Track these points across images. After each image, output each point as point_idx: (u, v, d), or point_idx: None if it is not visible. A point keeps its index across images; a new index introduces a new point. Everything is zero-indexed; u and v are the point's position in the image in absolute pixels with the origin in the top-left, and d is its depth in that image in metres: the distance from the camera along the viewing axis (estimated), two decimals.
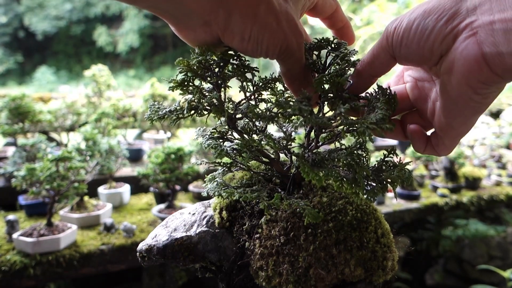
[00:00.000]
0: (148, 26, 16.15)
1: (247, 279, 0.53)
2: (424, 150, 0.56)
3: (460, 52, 0.43)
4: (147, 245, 0.57)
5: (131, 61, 16.96)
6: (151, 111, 0.56)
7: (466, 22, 0.43)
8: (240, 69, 0.55)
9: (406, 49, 0.48)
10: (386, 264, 0.51)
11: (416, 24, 0.47)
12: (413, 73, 0.59)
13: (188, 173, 2.01)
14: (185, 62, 0.52)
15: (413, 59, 0.49)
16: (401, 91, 0.60)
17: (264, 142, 0.54)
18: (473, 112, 0.47)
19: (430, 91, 0.55)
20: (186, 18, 0.49)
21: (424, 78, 0.57)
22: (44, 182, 1.61)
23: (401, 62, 0.51)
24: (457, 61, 0.44)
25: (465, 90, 0.44)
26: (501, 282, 3.12)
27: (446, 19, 0.44)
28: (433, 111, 0.54)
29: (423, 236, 3.62)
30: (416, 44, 0.47)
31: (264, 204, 0.50)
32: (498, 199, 3.11)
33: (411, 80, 0.59)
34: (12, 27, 15.50)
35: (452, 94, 0.46)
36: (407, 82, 0.60)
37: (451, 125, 0.50)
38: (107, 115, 2.64)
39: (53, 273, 1.60)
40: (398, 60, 0.51)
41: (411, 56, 0.49)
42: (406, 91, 0.60)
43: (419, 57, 0.48)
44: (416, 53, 0.48)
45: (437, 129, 0.53)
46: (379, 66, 0.53)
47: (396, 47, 0.49)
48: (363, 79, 0.55)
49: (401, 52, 0.49)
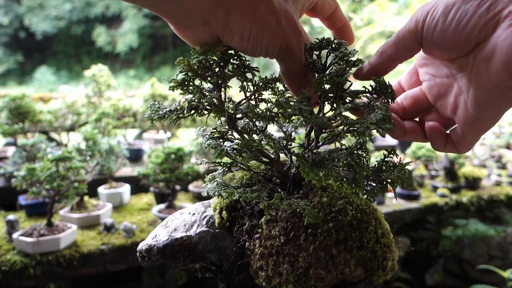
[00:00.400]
0: (148, 26, 16.15)
1: (247, 279, 0.53)
2: (444, 147, 0.55)
3: (503, 39, 0.42)
4: (147, 245, 0.57)
5: (131, 61, 16.96)
6: (152, 110, 0.56)
7: (509, 9, 0.42)
8: (241, 69, 0.55)
9: (441, 35, 0.47)
10: (386, 264, 0.51)
11: (456, 9, 0.45)
12: (430, 70, 0.57)
13: (188, 173, 2.01)
14: (185, 61, 0.52)
15: (445, 46, 0.47)
16: (417, 93, 0.59)
17: (264, 142, 0.54)
18: (506, 103, 0.46)
19: (451, 86, 0.54)
20: (186, 18, 0.49)
21: (443, 74, 0.55)
22: (44, 182, 1.61)
23: (428, 49, 0.50)
24: (500, 48, 0.43)
25: (504, 78, 0.43)
26: (501, 282, 3.12)
27: (488, 5, 0.43)
28: (454, 106, 0.53)
29: (423, 236, 3.62)
30: (453, 30, 0.46)
31: (264, 204, 0.50)
32: (498, 199, 3.11)
33: (428, 78, 0.58)
34: (12, 27, 15.50)
35: (487, 83, 0.45)
36: (424, 80, 0.59)
37: (480, 117, 0.48)
38: (107, 115, 2.64)
39: (53, 273, 1.60)
40: (426, 47, 0.50)
41: (444, 43, 0.47)
42: (422, 92, 0.59)
43: (452, 44, 0.47)
44: (451, 40, 0.46)
45: (461, 124, 0.52)
46: (403, 50, 0.52)
47: (428, 32, 0.48)
48: (384, 60, 0.54)
49: (433, 38, 0.48)
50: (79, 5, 15.91)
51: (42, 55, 16.75)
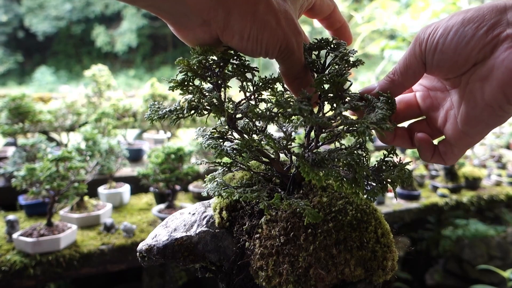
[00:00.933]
0: (147, 26, 16.14)
1: (247, 279, 0.53)
2: (431, 158, 0.57)
3: (501, 61, 0.44)
4: (147, 245, 0.57)
5: (131, 61, 16.96)
6: (151, 110, 0.56)
7: (507, 32, 0.44)
8: (240, 69, 0.55)
9: (441, 55, 0.49)
10: (386, 264, 0.51)
11: (454, 31, 0.47)
12: (425, 82, 0.59)
13: (188, 173, 2.01)
14: (185, 62, 0.52)
15: (445, 65, 0.49)
16: (411, 99, 0.61)
17: (264, 142, 0.54)
18: (495, 122, 0.48)
19: (444, 100, 0.56)
20: (185, 18, 0.49)
21: (437, 87, 0.57)
22: (44, 182, 1.61)
23: (431, 69, 0.52)
24: (497, 69, 0.44)
25: (498, 99, 0.45)
26: (501, 282, 3.13)
27: (487, 29, 0.45)
28: (444, 119, 0.55)
29: (423, 236, 3.62)
30: (453, 51, 0.47)
31: (264, 204, 0.50)
32: (498, 199, 3.11)
33: (422, 89, 0.60)
34: (11, 26, 15.49)
35: (480, 102, 0.47)
36: (417, 91, 0.60)
37: (468, 133, 0.50)
38: (107, 115, 2.64)
39: (53, 273, 1.60)
40: (428, 68, 0.52)
41: (444, 63, 0.49)
42: (416, 99, 0.60)
43: (452, 64, 0.48)
44: (451, 60, 0.48)
45: (449, 137, 0.54)
46: (412, 75, 0.54)
47: (430, 53, 0.50)
48: (395, 88, 0.55)
49: (434, 58, 0.50)
50: (78, 5, 15.91)
51: (42, 55, 16.75)
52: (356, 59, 0.56)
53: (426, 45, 0.50)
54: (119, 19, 16.34)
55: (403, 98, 0.61)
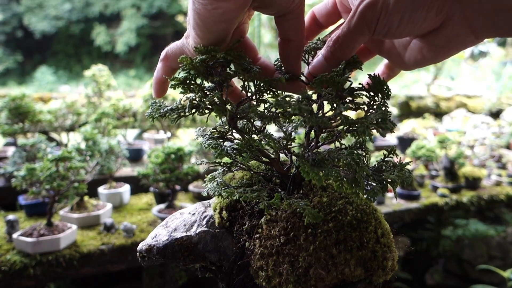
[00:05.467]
0: (147, 26, 16.13)
1: (247, 279, 0.53)
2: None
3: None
4: (147, 245, 0.57)
5: (131, 61, 16.95)
6: (153, 109, 0.56)
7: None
8: (242, 68, 0.55)
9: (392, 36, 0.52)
10: (386, 264, 0.51)
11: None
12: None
13: (188, 173, 2.01)
14: (188, 60, 0.52)
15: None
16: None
17: (264, 142, 0.54)
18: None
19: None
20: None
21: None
22: (44, 182, 1.61)
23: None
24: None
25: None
26: (501, 282, 3.13)
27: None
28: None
29: (423, 236, 3.62)
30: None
31: (264, 204, 0.50)
32: (498, 199, 3.11)
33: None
34: (10, 26, 15.48)
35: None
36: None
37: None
38: (107, 115, 2.64)
39: (53, 273, 1.60)
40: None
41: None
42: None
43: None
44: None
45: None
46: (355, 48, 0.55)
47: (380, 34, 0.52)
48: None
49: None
50: (78, 5, 15.90)
51: (42, 55, 16.74)
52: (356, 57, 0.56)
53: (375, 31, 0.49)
54: (119, 19, 16.34)
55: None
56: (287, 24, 0.54)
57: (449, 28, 0.48)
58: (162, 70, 0.60)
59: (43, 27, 15.58)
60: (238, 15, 0.49)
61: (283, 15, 0.53)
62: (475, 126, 4.67)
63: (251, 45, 0.60)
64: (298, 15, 0.53)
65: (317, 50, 0.59)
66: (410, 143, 3.18)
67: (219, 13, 0.47)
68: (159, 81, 0.60)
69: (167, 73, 0.60)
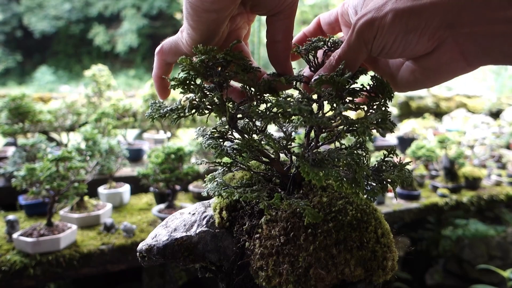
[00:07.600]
0: (147, 26, 16.13)
1: (247, 279, 0.53)
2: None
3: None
4: (147, 245, 0.57)
5: (131, 61, 16.94)
6: (153, 109, 0.56)
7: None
8: (242, 69, 0.55)
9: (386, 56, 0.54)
10: (386, 264, 0.51)
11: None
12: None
13: (188, 173, 2.01)
14: (188, 60, 0.52)
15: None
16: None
17: (264, 142, 0.54)
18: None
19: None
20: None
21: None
22: (44, 182, 1.61)
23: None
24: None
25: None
26: (501, 282, 3.12)
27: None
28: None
29: (423, 236, 3.62)
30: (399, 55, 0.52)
31: (264, 204, 0.50)
32: (498, 199, 3.11)
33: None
34: (10, 26, 15.47)
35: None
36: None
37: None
38: (107, 115, 2.64)
39: (53, 273, 1.60)
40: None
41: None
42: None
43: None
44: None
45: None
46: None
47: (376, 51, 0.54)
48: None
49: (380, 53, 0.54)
50: (78, 5, 15.89)
51: (42, 55, 16.73)
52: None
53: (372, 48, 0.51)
54: (118, 19, 16.33)
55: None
56: (278, 24, 0.56)
57: (441, 53, 0.48)
58: (157, 63, 0.61)
59: (43, 27, 15.57)
60: (227, 5, 0.50)
61: (274, 15, 0.55)
62: (475, 126, 4.67)
63: (245, 50, 0.61)
64: (289, 16, 0.55)
65: (317, 49, 0.59)
66: (410, 143, 3.19)
67: (209, 1, 0.49)
68: (157, 78, 0.62)
69: (162, 66, 0.61)
